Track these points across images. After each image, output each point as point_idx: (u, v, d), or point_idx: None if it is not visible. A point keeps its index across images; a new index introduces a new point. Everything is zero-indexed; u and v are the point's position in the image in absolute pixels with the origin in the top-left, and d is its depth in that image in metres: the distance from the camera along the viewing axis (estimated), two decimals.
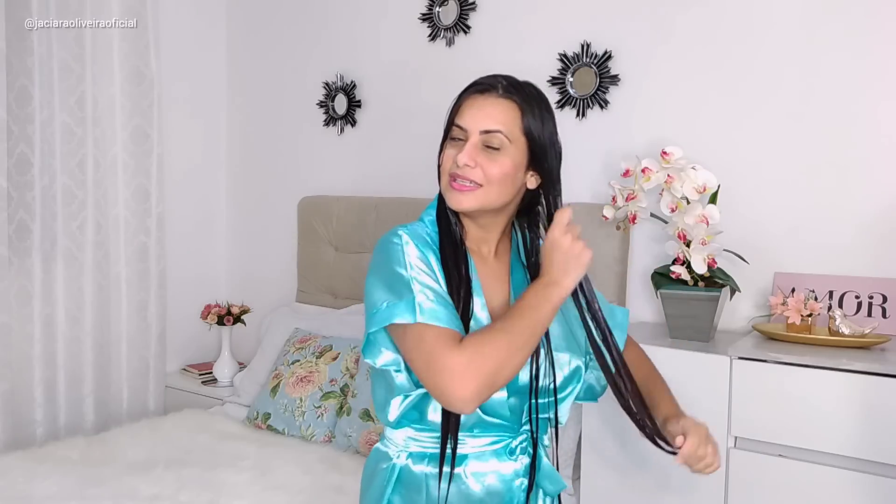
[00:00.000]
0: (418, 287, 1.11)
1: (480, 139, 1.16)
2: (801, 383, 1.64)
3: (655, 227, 2.12)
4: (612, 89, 2.28)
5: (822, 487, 1.62)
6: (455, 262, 1.18)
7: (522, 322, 1.09)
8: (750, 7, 2.06)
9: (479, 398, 1.06)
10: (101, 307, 2.75)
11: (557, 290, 1.11)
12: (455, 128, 1.19)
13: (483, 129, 1.16)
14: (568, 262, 1.12)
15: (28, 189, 2.54)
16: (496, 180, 1.17)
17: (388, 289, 1.13)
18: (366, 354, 1.18)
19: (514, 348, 1.07)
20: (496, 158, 1.16)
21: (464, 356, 1.05)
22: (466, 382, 1.04)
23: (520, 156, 1.18)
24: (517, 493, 1.21)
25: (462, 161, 1.15)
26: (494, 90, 1.18)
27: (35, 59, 2.52)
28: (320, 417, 2.30)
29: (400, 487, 1.20)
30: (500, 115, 1.17)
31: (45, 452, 2.15)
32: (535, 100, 1.20)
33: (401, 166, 2.74)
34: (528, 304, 1.11)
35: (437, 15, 2.62)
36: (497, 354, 1.06)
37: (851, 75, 1.94)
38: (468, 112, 1.18)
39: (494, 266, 1.27)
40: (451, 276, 1.16)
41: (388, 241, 1.17)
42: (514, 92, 1.19)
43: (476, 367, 1.05)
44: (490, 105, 1.17)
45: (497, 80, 1.20)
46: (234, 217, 3.29)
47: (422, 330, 1.08)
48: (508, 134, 1.16)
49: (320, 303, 2.85)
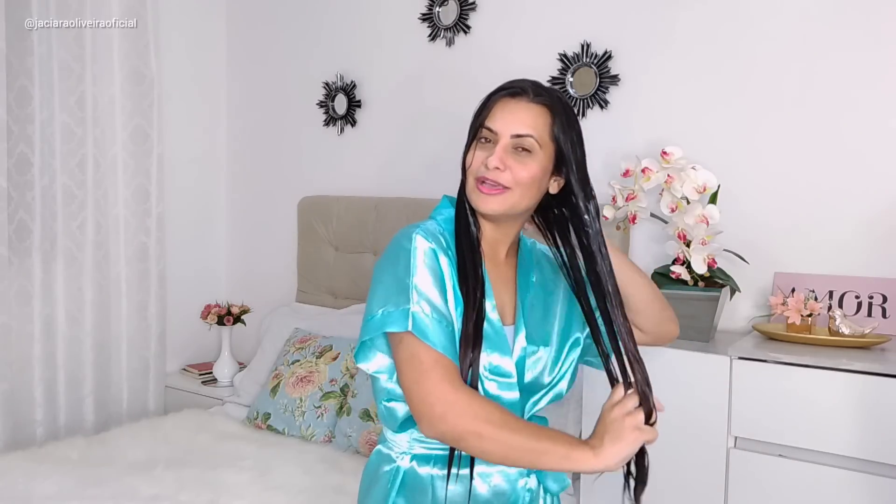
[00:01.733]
0: (417, 297, 1.11)
1: (511, 142, 1.16)
2: (801, 383, 1.64)
3: (655, 227, 2.12)
4: (612, 89, 2.28)
5: (822, 487, 1.62)
6: (473, 263, 1.17)
7: (540, 444, 1.05)
8: (750, 7, 2.06)
9: (445, 438, 1.08)
10: (101, 307, 2.75)
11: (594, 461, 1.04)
12: (484, 130, 1.19)
13: (514, 132, 1.16)
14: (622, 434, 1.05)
15: (28, 189, 2.54)
16: (525, 184, 1.17)
17: (387, 294, 1.13)
18: (358, 359, 1.18)
19: (510, 446, 1.05)
20: (526, 162, 1.16)
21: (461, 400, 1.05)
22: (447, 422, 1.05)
23: (547, 161, 1.18)
24: (522, 493, 1.21)
25: (493, 164, 1.15)
26: (525, 94, 1.18)
27: (35, 59, 2.52)
28: (320, 417, 2.29)
29: (404, 490, 1.20)
30: (531, 119, 1.17)
31: (45, 452, 2.15)
32: (563, 106, 1.21)
33: (401, 166, 2.74)
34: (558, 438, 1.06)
35: (437, 15, 2.62)
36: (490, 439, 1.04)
37: (851, 75, 1.94)
38: (499, 115, 1.18)
39: (503, 269, 1.27)
40: (467, 278, 1.15)
41: (400, 244, 1.16)
42: (544, 96, 1.19)
43: (471, 418, 1.05)
44: (522, 109, 1.17)
45: (527, 83, 1.20)
46: (234, 217, 3.29)
47: (418, 348, 1.09)
48: (539, 138, 1.17)
49: (320, 303, 2.85)
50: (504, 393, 1.17)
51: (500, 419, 1.05)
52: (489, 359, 1.16)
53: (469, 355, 1.11)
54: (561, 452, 1.05)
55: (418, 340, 1.09)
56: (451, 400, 1.06)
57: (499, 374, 1.17)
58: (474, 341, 1.12)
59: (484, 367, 1.15)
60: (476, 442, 1.05)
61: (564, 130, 1.18)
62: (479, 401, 1.07)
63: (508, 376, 1.17)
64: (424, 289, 1.12)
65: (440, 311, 1.12)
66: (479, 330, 1.13)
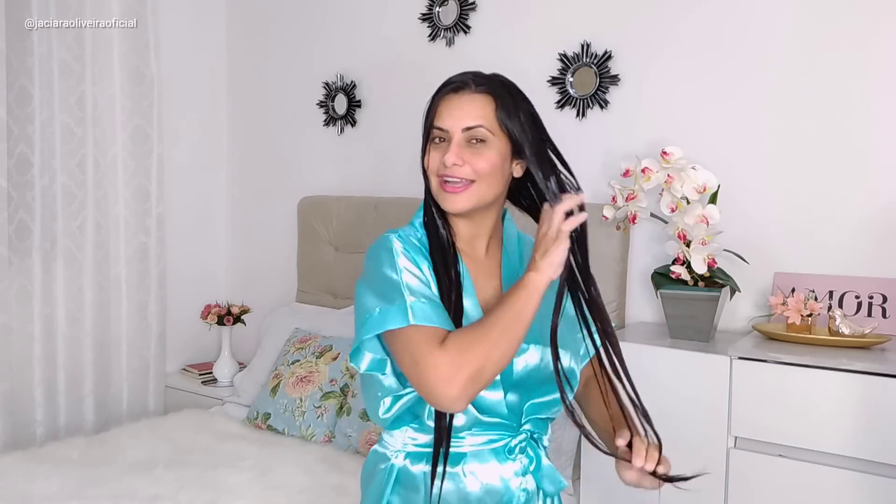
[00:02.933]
0: (408, 291, 1.11)
1: (463, 137, 1.17)
2: (801, 383, 1.64)
3: (655, 227, 2.12)
4: (612, 89, 2.28)
5: (822, 487, 1.62)
6: (445, 266, 1.18)
7: (504, 314, 1.08)
8: (750, 7, 2.06)
9: (467, 395, 1.06)
10: (101, 307, 2.75)
11: (536, 275, 1.09)
12: (435, 130, 1.20)
13: (464, 126, 1.17)
14: (547, 244, 1.10)
15: (28, 189, 2.54)
16: (486, 174, 1.17)
17: (379, 294, 1.13)
18: (353, 359, 1.18)
19: (497, 339, 1.07)
20: (482, 152, 1.17)
21: (448, 354, 1.06)
22: (452, 380, 1.05)
23: (504, 146, 1.19)
24: (516, 492, 1.21)
25: (450, 161, 1.16)
26: (467, 87, 1.19)
27: (35, 59, 2.52)
28: (320, 417, 2.29)
29: (398, 488, 1.20)
30: (477, 109, 1.18)
31: (45, 452, 2.15)
32: (506, 89, 1.21)
33: (401, 166, 2.74)
34: (508, 294, 1.10)
35: (437, 15, 2.62)
36: (480, 348, 1.06)
37: (851, 76, 1.94)
38: (446, 112, 1.19)
39: (485, 263, 1.26)
40: (441, 281, 1.17)
41: (378, 247, 1.18)
42: (485, 85, 1.20)
43: (460, 364, 1.05)
44: (466, 102, 1.18)
45: (468, 76, 1.21)
46: (233, 217, 3.29)
47: (410, 332, 1.09)
48: (489, 127, 1.17)
49: (320, 303, 2.85)
50: (487, 393, 1.16)
51: (476, 335, 1.07)
52: None
53: None
54: (521, 300, 1.08)
55: (414, 332, 1.09)
56: (442, 362, 1.06)
57: None
58: None
59: None
60: (487, 370, 1.07)
61: (510, 114, 1.18)
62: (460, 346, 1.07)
63: None
64: (413, 283, 1.13)
65: (431, 299, 1.13)
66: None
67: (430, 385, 1.06)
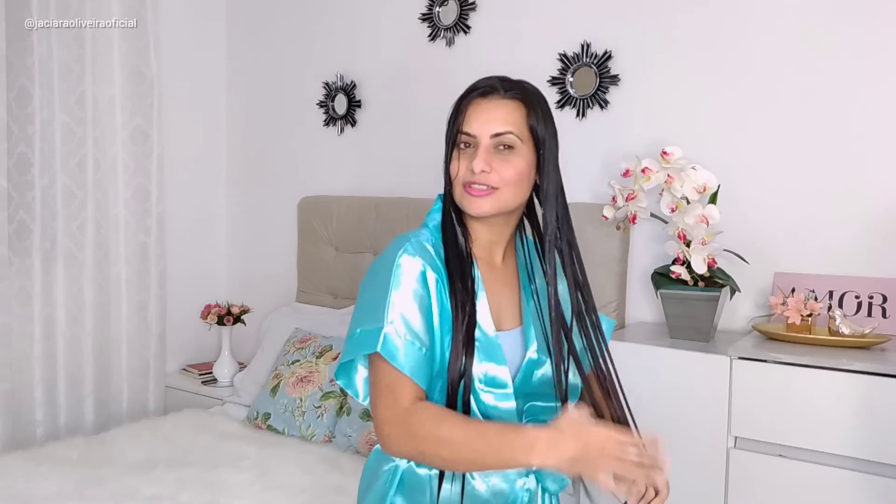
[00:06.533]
0: (392, 316, 1.09)
1: (492, 143, 1.15)
2: (801, 383, 1.64)
3: (655, 227, 2.12)
4: (612, 89, 2.28)
5: (822, 487, 1.62)
6: (461, 275, 1.15)
7: (488, 443, 1.02)
8: (750, 7, 2.06)
9: (401, 455, 1.12)
10: (101, 307, 2.75)
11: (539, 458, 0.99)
12: (462, 135, 1.17)
13: (493, 132, 1.15)
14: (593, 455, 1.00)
15: (28, 189, 2.54)
16: (513, 181, 1.15)
17: (367, 311, 1.13)
18: (338, 376, 1.19)
19: (458, 449, 1.03)
20: (510, 159, 1.15)
21: (409, 425, 1.06)
22: (397, 441, 1.08)
23: (530, 154, 1.17)
24: (520, 493, 1.21)
25: (478, 167, 1.13)
26: (496, 91, 1.17)
27: (35, 59, 2.52)
28: (320, 417, 2.29)
29: (403, 489, 1.19)
30: (507, 115, 1.15)
31: (45, 452, 2.15)
32: (536, 97, 1.19)
33: (401, 166, 2.74)
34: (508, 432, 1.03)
35: (437, 15, 2.62)
36: (439, 444, 1.04)
37: (851, 76, 1.94)
38: (474, 117, 1.16)
39: (503, 271, 1.25)
40: (455, 291, 1.13)
41: (390, 259, 1.14)
42: (516, 90, 1.17)
43: (413, 435, 1.06)
44: (496, 107, 1.16)
45: (495, 80, 1.18)
46: (234, 217, 3.29)
47: (383, 366, 1.09)
48: (519, 133, 1.15)
49: (320, 303, 2.85)
50: (501, 403, 1.16)
51: (447, 432, 1.04)
52: (484, 369, 1.14)
53: (459, 366, 1.10)
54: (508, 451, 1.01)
55: (383, 362, 1.08)
56: (398, 421, 1.07)
57: (494, 386, 1.15)
58: (466, 351, 1.11)
59: (479, 380, 1.14)
60: (428, 461, 1.09)
61: (539, 121, 1.17)
62: (428, 430, 1.05)
63: (504, 386, 1.16)
64: (403, 309, 1.10)
65: (415, 333, 1.10)
66: (470, 339, 1.12)
67: (378, 429, 1.10)
